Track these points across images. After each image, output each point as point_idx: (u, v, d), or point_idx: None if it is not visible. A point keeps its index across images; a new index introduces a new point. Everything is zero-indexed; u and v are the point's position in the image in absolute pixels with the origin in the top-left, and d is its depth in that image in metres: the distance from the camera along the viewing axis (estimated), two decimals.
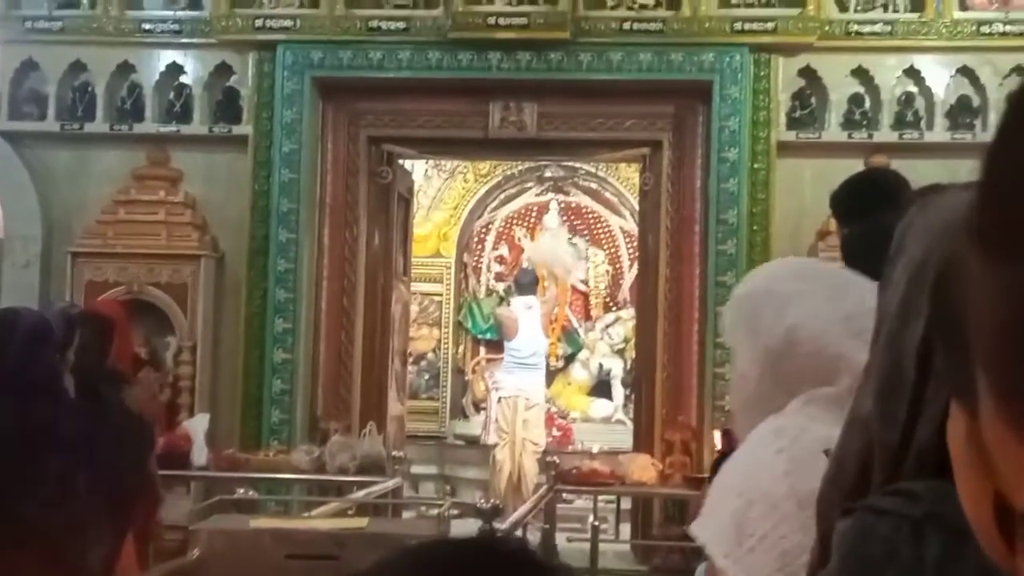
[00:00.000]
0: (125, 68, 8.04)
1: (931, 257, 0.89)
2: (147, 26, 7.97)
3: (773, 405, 1.82)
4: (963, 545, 0.82)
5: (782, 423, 1.79)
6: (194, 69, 8.01)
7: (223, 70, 8.01)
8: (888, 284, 0.96)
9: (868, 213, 2.46)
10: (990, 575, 0.77)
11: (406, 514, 7.21)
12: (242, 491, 4.71)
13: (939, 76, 7.58)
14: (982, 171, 0.62)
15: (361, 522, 3.55)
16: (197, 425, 6.97)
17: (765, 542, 1.67)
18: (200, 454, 6.81)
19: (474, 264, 12.75)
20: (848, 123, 7.65)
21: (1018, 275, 0.54)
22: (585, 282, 12.72)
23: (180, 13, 7.96)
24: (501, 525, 4.24)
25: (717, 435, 6.82)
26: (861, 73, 7.64)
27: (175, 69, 8.03)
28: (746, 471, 1.76)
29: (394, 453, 7.12)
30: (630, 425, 9.77)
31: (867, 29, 7.56)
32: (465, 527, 4.49)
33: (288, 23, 7.79)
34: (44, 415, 4.35)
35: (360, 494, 6.13)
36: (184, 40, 7.98)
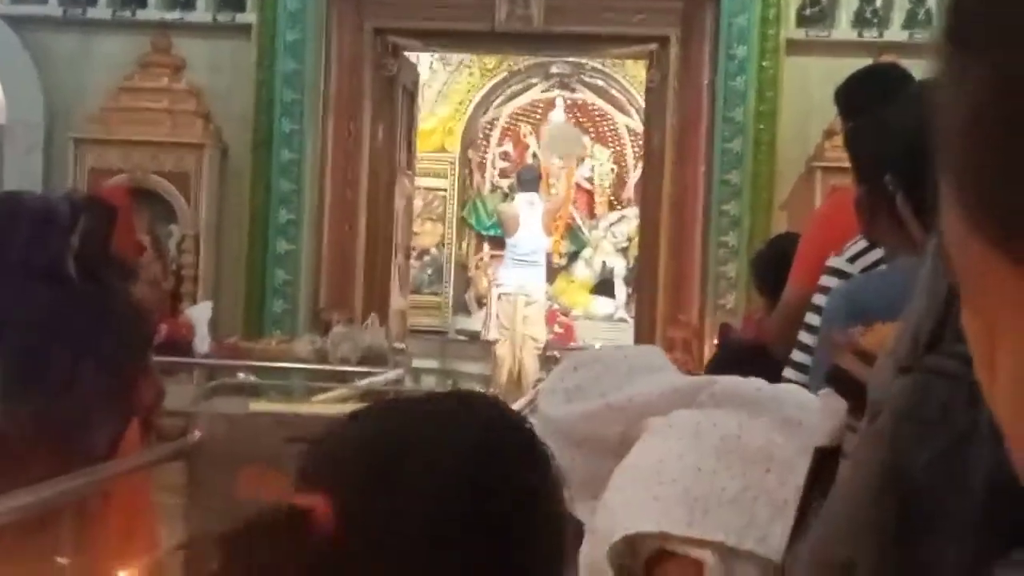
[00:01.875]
0: None
1: None
2: None
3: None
4: None
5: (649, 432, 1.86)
6: None
7: None
8: None
9: (872, 106, 2.44)
10: None
11: None
12: (243, 375, 4.75)
13: None
14: None
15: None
16: (200, 313, 7.01)
17: (712, 499, 1.71)
18: (203, 342, 6.85)
19: (479, 160, 12.71)
20: (859, 21, 7.55)
21: (1000, 61, 0.50)
22: (590, 180, 12.69)
23: None
24: None
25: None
26: None
27: None
28: (652, 466, 1.80)
29: (396, 345, 7.16)
30: (632, 323, 9.81)
31: None
32: None
33: None
34: (50, 300, 4.37)
35: (362, 383, 6.17)
36: None
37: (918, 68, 5.82)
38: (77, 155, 7.69)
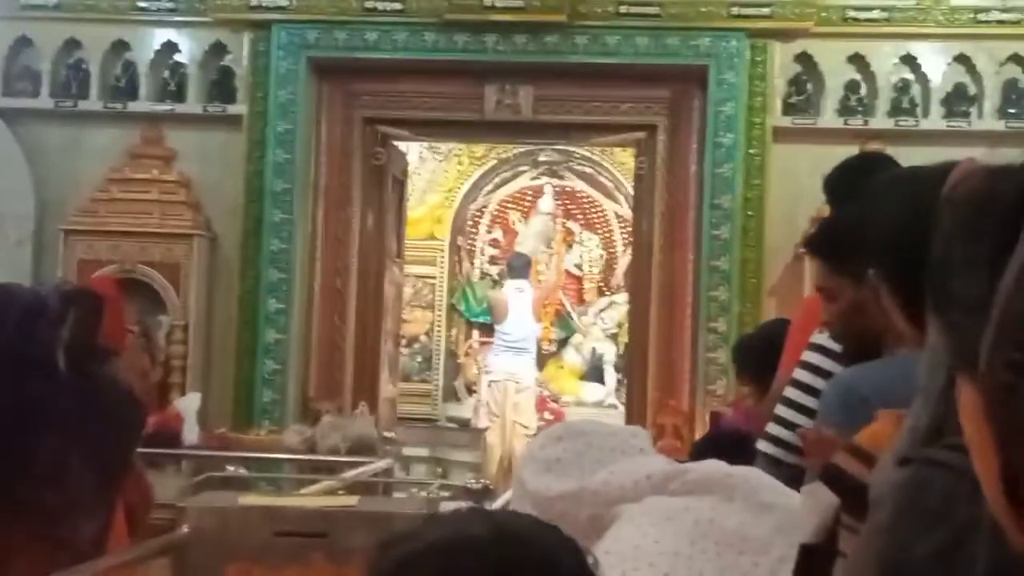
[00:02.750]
0: (120, 46, 8.01)
1: None
2: (142, 4, 7.93)
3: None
4: None
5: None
6: (189, 48, 7.98)
7: (218, 49, 7.98)
8: None
9: (858, 196, 2.47)
10: None
11: (397, 494, 7.20)
12: (232, 469, 4.71)
13: (935, 63, 7.57)
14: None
15: (351, 500, 3.55)
16: (188, 404, 6.97)
17: None
18: (191, 433, 6.81)
19: (468, 247, 12.75)
20: (844, 109, 7.64)
21: None
22: (579, 266, 12.72)
23: None
24: (490, 506, 4.24)
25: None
26: (857, 59, 7.63)
27: (170, 47, 8.00)
28: (628, 552, 1.83)
29: (385, 434, 7.12)
30: (622, 409, 9.78)
31: (864, 15, 7.54)
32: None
33: (284, 2, 7.75)
34: (39, 392, 4.36)
35: (351, 474, 6.12)
36: (179, 18, 7.95)
37: (903, 155, 5.91)
38: (67, 246, 7.70)
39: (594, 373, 12.31)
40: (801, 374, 2.77)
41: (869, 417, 1.55)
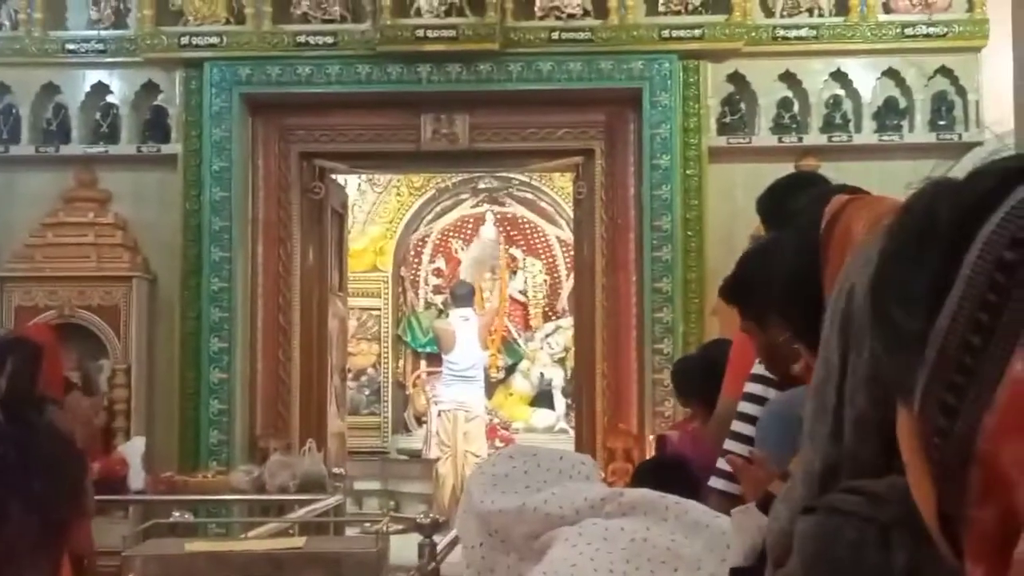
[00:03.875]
0: (50, 89, 7.93)
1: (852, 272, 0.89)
2: (71, 46, 7.87)
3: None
4: (931, 552, 0.82)
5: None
6: (120, 88, 7.91)
7: (150, 89, 7.92)
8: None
9: (790, 216, 2.48)
10: None
11: (349, 531, 7.15)
12: (178, 514, 4.65)
13: (865, 79, 7.66)
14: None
15: (298, 542, 3.52)
16: (133, 449, 6.88)
17: None
18: (137, 478, 6.71)
19: (412, 278, 12.72)
20: (778, 127, 7.71)
21: None
22: (524, 292, 12.72)
23: (104, 32, 7.87)
24: (442, 539, 4.21)
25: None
26: (789, 77, 7.70)
27: (101, 89, 7.93)
28: (566, 571, 1.88)
29: (335, 470, 7.06)
30: (573, 434, 9.77)
31: (793, 34, 7.62)
32: (407, 542, 4.46)
33: (214, 40, 7.72)
34: None
35: (300, 512, 6.07)
36: (109, 59, 7.88)
37: (837, 170, 5.97)
38: (3, 293, 7.60)
39: (543, 398, 12.31)
40: (745, 406, 2.78)
41: None
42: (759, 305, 2.03)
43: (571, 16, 7.67)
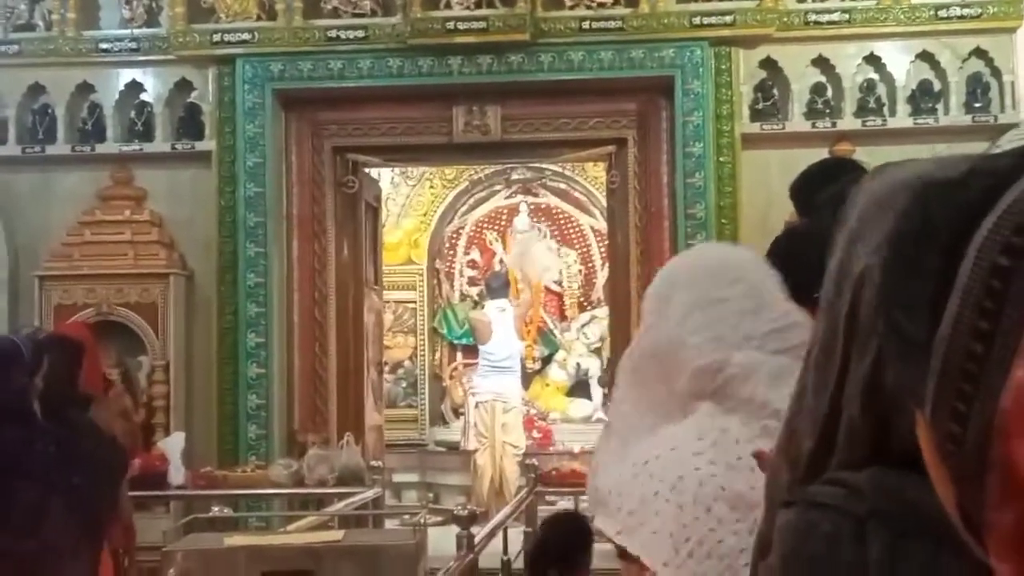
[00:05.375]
0: (84, 88, 7.99)
1: (864, 226, 0.88)
2: (104, 45, 7.92)
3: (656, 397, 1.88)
4: (906, 545, 0.83)
5: (700, 424, 1.82)
6: (154, 86, 7.96)
7: (183, 86, 7.96)
8: (833, 250, 0.96)
9: (824, 202, 2.46)
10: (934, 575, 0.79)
11: (388, 523, 7.18)
12: (218, 509, 4.68)
13: (899, 62, 7.60)
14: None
15: (337, 535, 3.53)
16: (173, 444, 6.93)
17: (703, 547, 1.69)
18: (177, 473, 6.76)
19: (447, 270, 12.73)
20: (811, 112, 7.66)
21: None
22: (559, 283, 12.71)
23: (137, 31, 7.91)
24: (480, 530, 4.22)
25: None
26: (822, 62, 7.66)
27: (135, 87, 7.99)
28: (670, 474, 1.79)
29: (373, 463, 7.09)
30: None
31: (825, 18, 7.57)
32: (445, 534, 4.47)
33: (246, 36, 7.74)
34: (15, 441, 4.32)
35: (339, 506, 6.10)
36: (142, 58, 7.93)
37: (872, 154, 5.93)
38: (42, 292, 7.66)
39: (580, 389, 12.29)
40: None
41: None
42: (793, 288, 2.01)
43: (601, 5, 7.65)
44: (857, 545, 0.86)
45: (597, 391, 12.05)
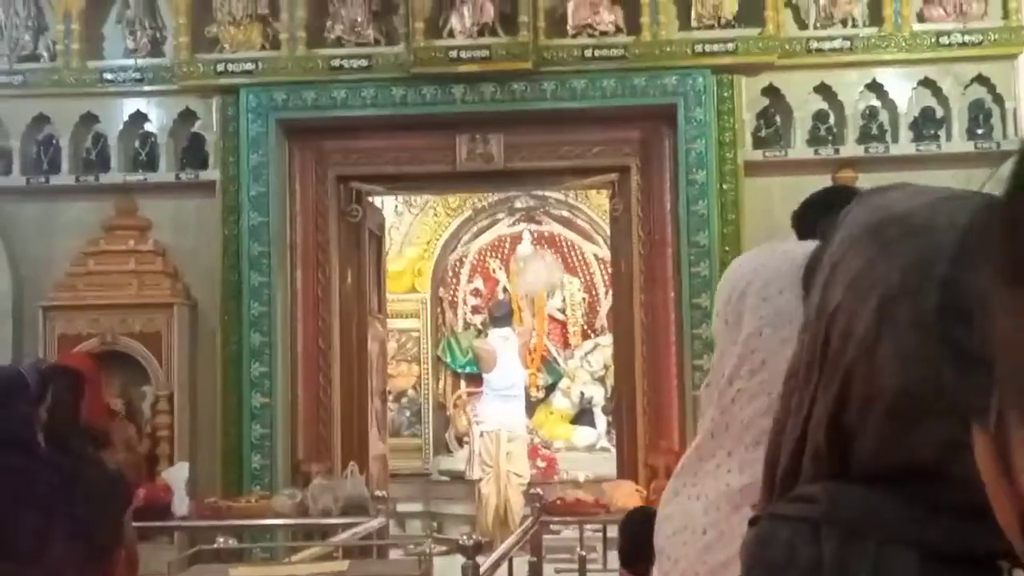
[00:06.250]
0: (88, 119, 8.01)
1: (846, 253, 0.90)
2: (109, 76, 7.94)
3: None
4: (858, 544, 0.87)
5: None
6: (158, 116, 7.98)
7: (187, 116, 7.99)
8: (816, 275, 0.97)
9: (824, 232, 2.46)
10: (883, 572, 0.85)
11: (392, 553, 7.16)
12: (222, 540, 4.67)
13: (901, 89, 7.62)
14: (1006, 213, 0.66)
15: (342, 565, 3.52)
16: (177, 475, 6.92)
17: None
18: (181, 504, 6.76)
19: (450, 298, 12.74)
20: (814, 139, 7.67)
21: None
22: (562, 310, 12.71)
23: (141, 61, 7.94)
24: (485, 560, 4.21)
25: None
26: (824, 89, 7.67)
27: (139, 117, 8.01)
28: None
29: (377, 493, 7.08)
30: (614, 452, 9.74)
31: (827, 45, 7.59)
32: (450, 564, 4.46)
33: (250, 66, 7.77)
34: (19, 470, 4.32)
35: (344, 536, 6.08)
36: (146, 88, 7.95)
37: (875, 181, 5.92)
38: (46, 322, 7.66)
39: (584, 417, 12.27)
40: None
41: None
42: None
43: (604, 33, 7.67)
44: (812, 547, 0.89)
45: (601, 419, 12.03)
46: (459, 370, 12.53)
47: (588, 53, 7.64)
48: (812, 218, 3.21)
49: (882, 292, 0.87)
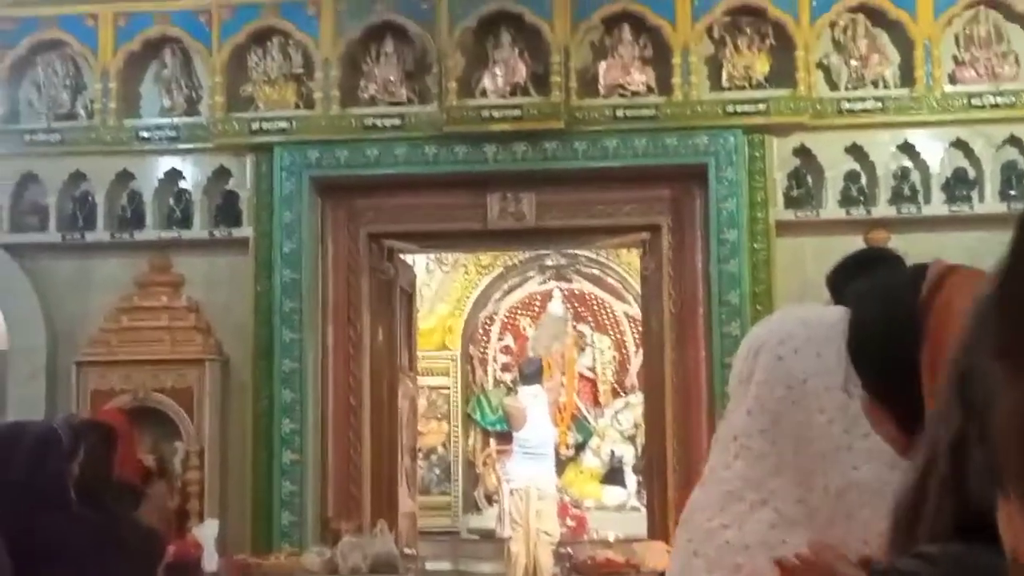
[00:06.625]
0: (124, 176, 8.09)
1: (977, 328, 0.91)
2: (145, 134, 8.03)
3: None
4: None
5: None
6: (193, 174, 8.06)
7: (222, 174, 8.06)
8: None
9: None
10: None
11: None
12: None
13: (933, 150, 7.62)
14: (1001, 289, 0.67)
15: None
16: (207, 531, 6.92)
17: None
18: (211, 560, 6.75)
19: (480, 356, 12.74)
20: (845, 200, 7.67)
21: None
22: (592, 369, 12.69)
23: (177, 120, 8.03)
24: None
25: None
26: (855, 150, 7.68)
27: (174, 175, 8.08)
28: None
29: (406, 551, 7.07)
30: (645, 512, 9.69)
31: (859, 106, 7.61)
32: None
33: (284, 124, 7.85)
34: (50, 525, 4.34)
35: None
36: (182, 146, 8.03)
37: (907, 242, 5.92)
38: (79, 378, 7.70)
39: (614, 476, 12.21)
40: None
41: None
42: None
43: (635, 94, 7.72)
44: None
45: (631, 478, 11.97)
46: (489, 428, 12.50)
47: (619, 113, 7.68)
48: (845, 279, 3.20)
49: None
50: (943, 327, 1.31)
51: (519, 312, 12.74)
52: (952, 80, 7.63)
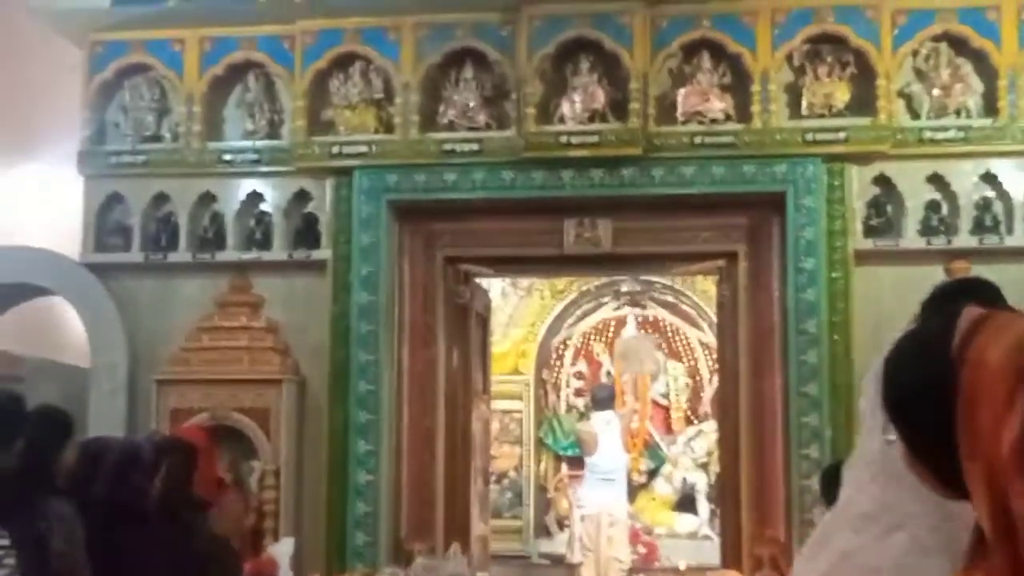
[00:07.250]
0: (207, 198, 8.22)
1: None
2: (227, 156, 8.16)
3: None
4: None
5: None
6: (273, 196, 8.16)
7: (301, 196, 8.15)
8: None
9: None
10: None
11: None
12: None
13: (1016, 180, 7.52)
14: None
15: None
16: (282, 550, 6.98)
17: None
18: None
19: (553, 381, 12.76)
20: (926, 229, 7.59)
21: None
22: (665, 395, 12.65)
23: (259, 143, 8.14)
24: None
25: None
26: (937, 179, 7.59)
27: (255, 197, 8.19)
28: None
29: (479, 574, 7.07)
30: (717, 540, 9.63)
31: (940, 136, 7.53)
32: None
33: (364, 148, 7.93)
34: (133, 541, 4.41)
35: None
36: (263, 169, 8.14)
37: (989, 272, 5.85)
38: (159, 395, 7.81)
39: (686, 503, 12.17)
40: None
41: None
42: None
43: (713, 121, 7.71)
44: None
45: (703, 506, 11.91)
46: (561, 452, 12.51)
47: (698, 140, 7.67)
48: (938, 305, 3.17)
49: None
50: (977, 384, 1.28)
51: (593, 337, 12.75)
52: None
